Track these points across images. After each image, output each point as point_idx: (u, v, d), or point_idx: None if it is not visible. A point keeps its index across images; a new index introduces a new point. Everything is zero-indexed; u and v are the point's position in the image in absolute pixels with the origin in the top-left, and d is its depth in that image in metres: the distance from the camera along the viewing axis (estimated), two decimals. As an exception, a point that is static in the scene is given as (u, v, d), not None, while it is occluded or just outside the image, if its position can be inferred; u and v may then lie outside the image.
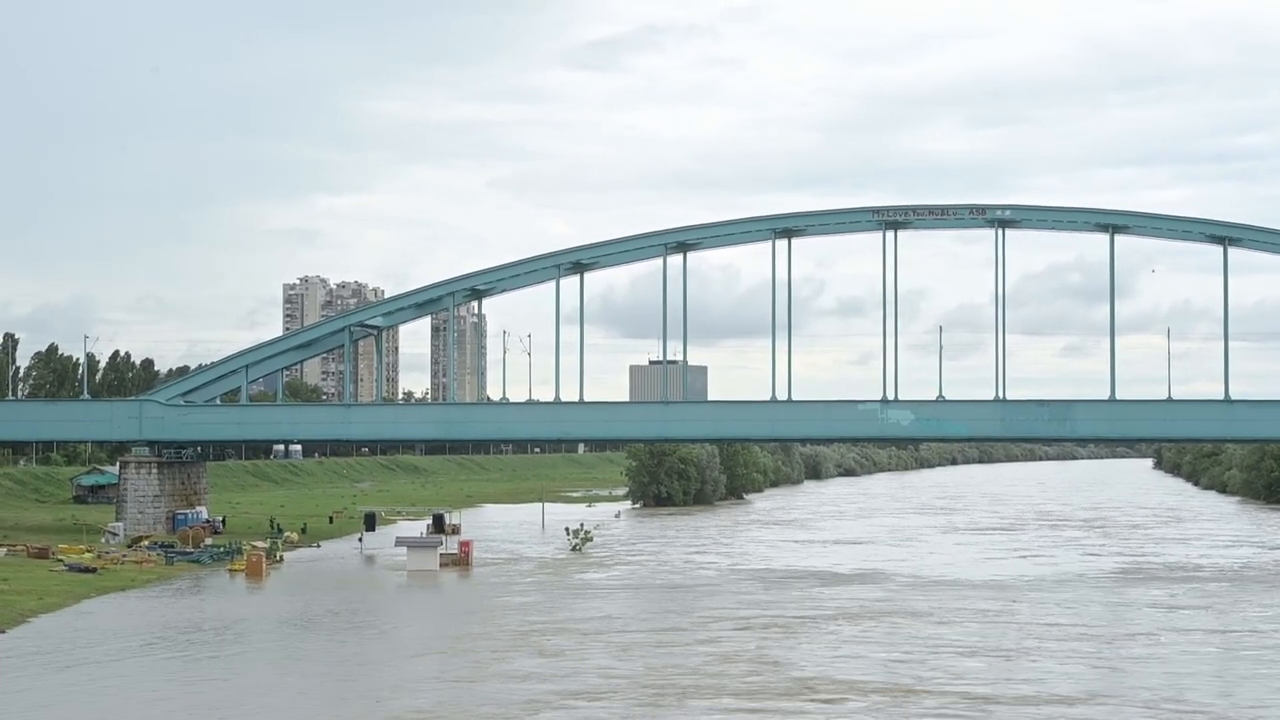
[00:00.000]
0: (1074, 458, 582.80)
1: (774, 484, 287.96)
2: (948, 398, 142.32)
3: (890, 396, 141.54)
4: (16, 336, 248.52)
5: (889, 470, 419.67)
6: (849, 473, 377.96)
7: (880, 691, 66.73)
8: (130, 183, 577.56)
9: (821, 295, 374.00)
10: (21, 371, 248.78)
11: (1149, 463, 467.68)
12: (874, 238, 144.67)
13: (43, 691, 64.96)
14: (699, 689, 67.38)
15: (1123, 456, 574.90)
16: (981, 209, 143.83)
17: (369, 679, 69.93)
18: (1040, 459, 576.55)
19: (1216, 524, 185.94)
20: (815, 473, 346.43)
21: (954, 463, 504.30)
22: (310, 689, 67.72)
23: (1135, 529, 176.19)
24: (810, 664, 74.42)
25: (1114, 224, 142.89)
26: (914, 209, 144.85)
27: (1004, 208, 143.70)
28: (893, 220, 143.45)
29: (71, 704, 63.19)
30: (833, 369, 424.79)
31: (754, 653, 78.05)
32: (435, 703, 63.94)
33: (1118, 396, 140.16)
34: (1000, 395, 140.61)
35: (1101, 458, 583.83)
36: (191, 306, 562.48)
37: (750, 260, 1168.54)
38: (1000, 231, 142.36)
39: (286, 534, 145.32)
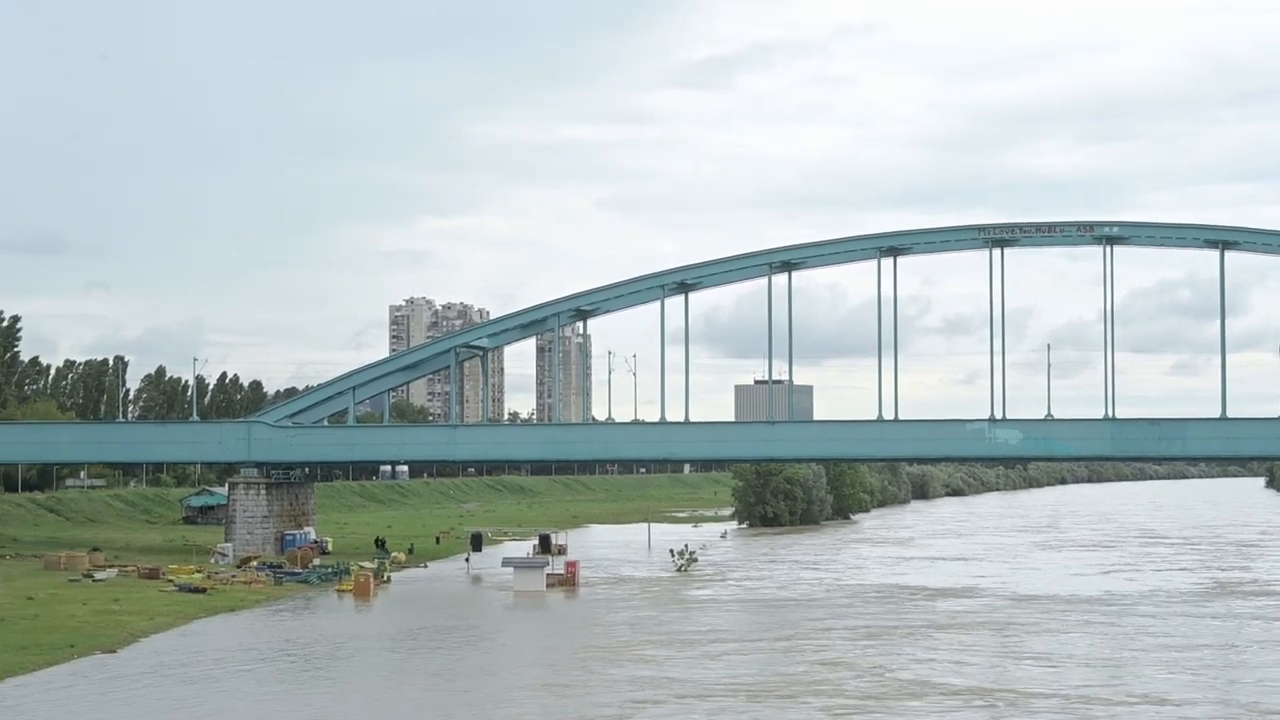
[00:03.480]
0: (1184, 477, 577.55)
1: (881, 504, 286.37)
2: (1056, 416, 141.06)
3: (998, 415, 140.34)
4: (127, 359, 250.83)
5: (997, 490, 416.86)
6: (957, 492, 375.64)
7: (983, 694, 68.24)
8: (239, 207, 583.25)
9: (927, 314, 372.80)
10: (132, 394, 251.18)
11: (1261, 481, 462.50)
12: (980, 255, 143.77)
13: (156, 708, 65.41)
14: (803, 691, 69.09)
15: (1234, 475, 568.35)
16: (1089, 226, 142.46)
17: (479, 689, 70.94)
18: (1150, 478, 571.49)
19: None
20: (922, 492, 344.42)
21: (1063, 482, 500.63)
22: (422, 700, 68.39)
23: (1245, 547, 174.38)
24: (914, 670, 75.88)
25: (1224, 240, 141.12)
26: (1021, 226, 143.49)
27: (1112, 224, 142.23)
28: (999, 238, 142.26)
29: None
30: (939, 388, 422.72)
31: (858, 660, 79.55)
32: (544, 709, 65.42)
33: (1229, 414, 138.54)
34: (1110, 414, 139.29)
35: (1212, 476, 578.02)
36: (299, 328, 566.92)
37: (856, 279, 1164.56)
38: (1108, 248, 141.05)
39: (394, 555, 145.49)
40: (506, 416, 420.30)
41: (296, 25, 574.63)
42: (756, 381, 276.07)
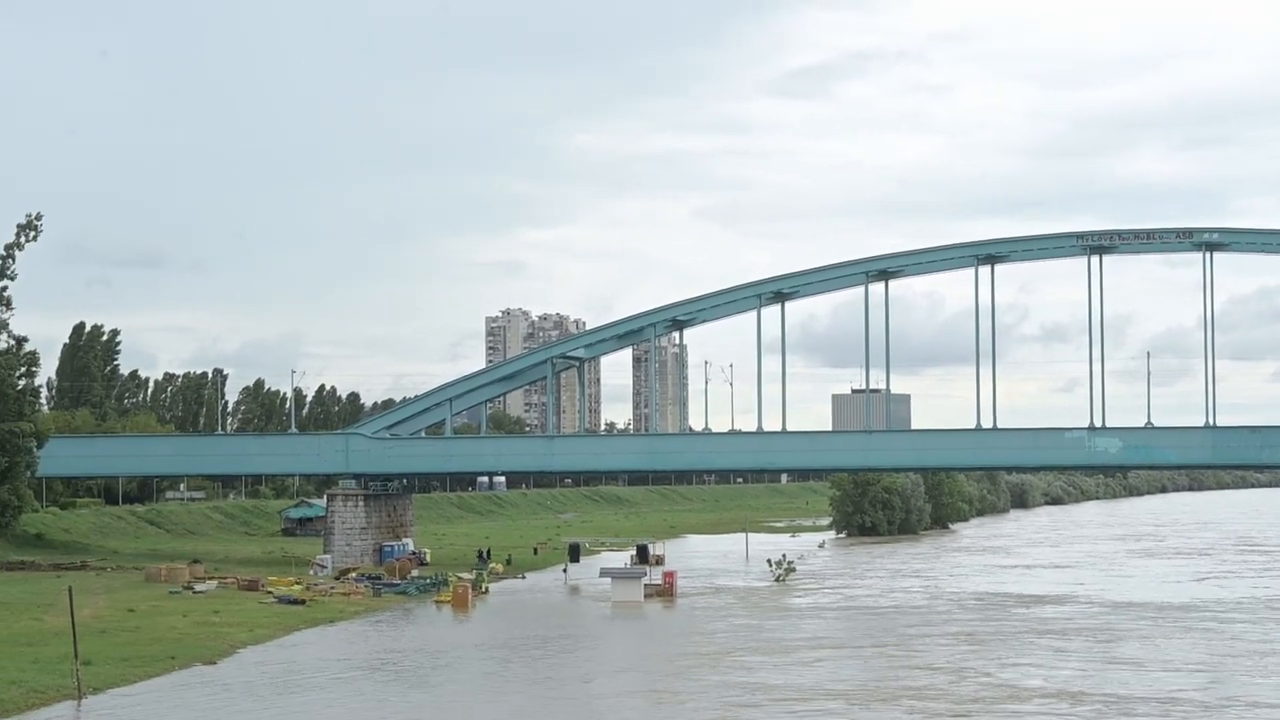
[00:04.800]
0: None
1: (980, 513, 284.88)
2: (1156, 424, 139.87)
3: (1097, 424, 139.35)
4: (225, 372, 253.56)
5: (1097, 498, 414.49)
6: (1056, 501, 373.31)
7: (1083, 699, 68.41)
8: (336, 220, 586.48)
9: (1025, 321, 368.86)
10: (230, 406, 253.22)
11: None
12: (1079, 263, 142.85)
13: (257, 719, 65.73)
14: (903, 694, 69.63)
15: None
16: (1188, 232, 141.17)
17: (578, 696, 71.60)
18: (1252, 486, 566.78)
19: None
20: (1022, 501, 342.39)
21: (1163, 490, 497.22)
22: (522, 708, 68.78)
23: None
24: (1013, 675, 76.15)
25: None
26: (1119, 233, 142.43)
27: (1211, 230, 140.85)
28: (1098, 245, 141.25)
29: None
30: (1037, 396, 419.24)
31: (958, 665, 79.91)
32: (644, 715, 66.23)
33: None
34: (1210, 422, 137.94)
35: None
36: (396, 340, 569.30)
37: (953, 287, 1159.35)
38: (1208, 255, 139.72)
39: (492, 565, 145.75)
40: (603, 427, 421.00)
41: (389, 37, 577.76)
42: (854, 391, 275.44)
